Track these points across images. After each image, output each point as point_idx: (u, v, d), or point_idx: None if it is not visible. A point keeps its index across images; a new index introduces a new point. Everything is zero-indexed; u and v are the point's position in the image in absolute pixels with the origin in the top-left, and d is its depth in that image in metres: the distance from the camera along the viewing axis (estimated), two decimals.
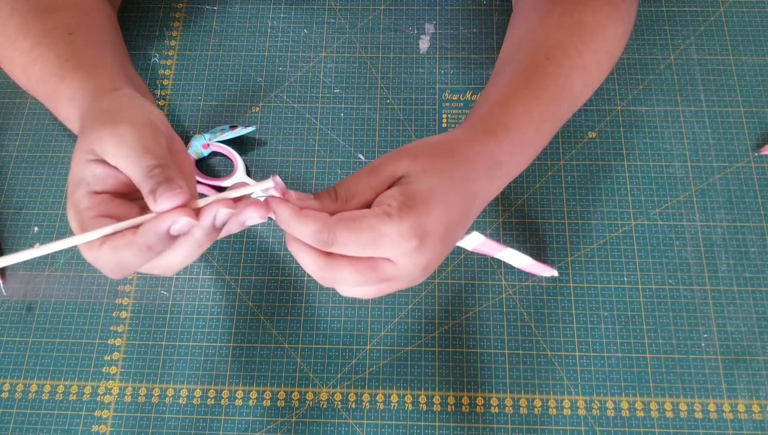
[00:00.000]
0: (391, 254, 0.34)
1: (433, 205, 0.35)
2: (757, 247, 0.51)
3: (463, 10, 0.60)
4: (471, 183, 0.38)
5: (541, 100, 0.42)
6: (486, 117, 0.42)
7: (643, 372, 0.47)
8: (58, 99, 0.41)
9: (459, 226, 0.38)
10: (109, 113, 0.36)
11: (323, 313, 0.50)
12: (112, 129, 0.34)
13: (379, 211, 0.34)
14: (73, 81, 0.41)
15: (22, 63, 0.44)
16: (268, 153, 0.55)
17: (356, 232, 0.33)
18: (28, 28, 0.44)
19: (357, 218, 0.34)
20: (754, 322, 0.48)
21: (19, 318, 0.51)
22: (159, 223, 0.32)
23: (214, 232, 0.34)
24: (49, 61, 0.42)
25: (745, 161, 0.53)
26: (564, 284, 0.50)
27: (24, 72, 0.45)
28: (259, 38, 0.59)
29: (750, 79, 0.56)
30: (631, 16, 0.49)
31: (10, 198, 0.54)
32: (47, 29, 0.44)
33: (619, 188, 0.53)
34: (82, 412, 0.48)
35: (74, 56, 0.42)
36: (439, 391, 0.48)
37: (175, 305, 0.50)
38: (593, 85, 0.47)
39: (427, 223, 0.34)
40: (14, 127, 0.57)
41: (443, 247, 0.36)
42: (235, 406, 0.48)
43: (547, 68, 0.43)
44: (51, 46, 0.43)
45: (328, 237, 0.33)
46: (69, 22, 0.45)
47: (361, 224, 0.33)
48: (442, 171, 0.37)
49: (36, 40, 0.43)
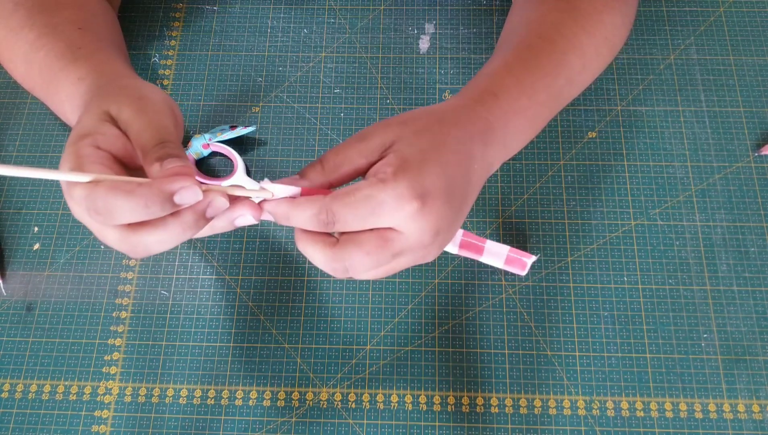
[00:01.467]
0: (394, 222, 0.33)
1: (428, 164, 0.34)
2: (757, 247, 0.51)
3: (463, 10, 0.60)
4: (464, 144, 0.37)
5: (534, 71, 0.42)
6: (473, 87, 0.41)
7: (643, 372, 0.47)
8: (62, 81, 0.41)
9: (461, 188, 0.36)
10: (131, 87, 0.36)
11: (323, 313, 0.50)
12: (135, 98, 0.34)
13: (373, 180, 0.33)
14: (86, 64, 0.40)
15: (25, 51, 0.44)
16: (268, 153, 0.55)
17: (353, 205, 0.33)
18: (33, 20, 0.44)
19: (351, 191, 0.33)
20: (754, 322, 0.48)
21: (19, 318, 0.51)
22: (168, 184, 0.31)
23: (202, 220, 0.33)
24: (56, 48, 0.42)
25: (745, 161, 0.53)
26: (564, 284, 0.50)
27: (25, 60, 0.44)
28: (259, 38, 0.59)
29: (750, 79, 0.56)
30: (630, 7, 0.49)
31: (10, 198, 0.54)
32: (55, 23, 0.44)
33: (619, 188, 0.53)
34: (82, 412, 0.48)
35: (86, 46, 0.42)
36: (439, 391, 0.48)
37: (175, 305, 0.50)
38: (592, 68, 0.47)
39: (424, 182, 0.33)
40: (14, 127, 0.57)
41: (449, 209, 0.35)
42: (235, 406, 0.48)
43: (540, 45, 0.43)
44: (60, 36, 0.43)
45: (327, 216, 0.33)
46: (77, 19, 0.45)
47: (357, 196, 0.33)
48: (431, 131, 0.36)
49: (43, 31, 0.43)
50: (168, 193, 0.31)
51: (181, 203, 0.32)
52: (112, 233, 0.33)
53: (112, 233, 0.33)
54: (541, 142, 0.54)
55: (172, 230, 0.33)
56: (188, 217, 0.32)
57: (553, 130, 0.55)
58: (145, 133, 0.33)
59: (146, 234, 0.33)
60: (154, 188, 0.31)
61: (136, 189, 0.31)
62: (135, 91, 0.35)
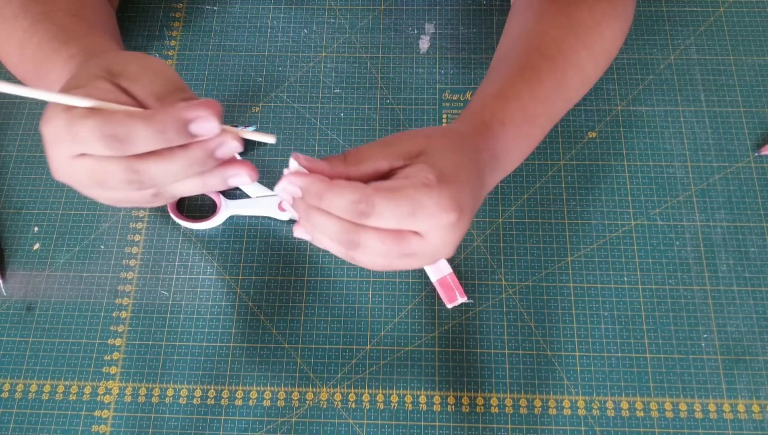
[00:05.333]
0: (426, 228, 0.33)
1: (463, 178, 0.34)
2: (757, 247, 0.51)
3: (463, 10, 0.60)
4: (480, 169, 0.38)
5: (536, 96, 0.42)
6: (481, 111, 0.41)
7: (643, 372, 0.47)
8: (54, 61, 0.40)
9: (475, 209, 0.37)
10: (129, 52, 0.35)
11: (323, 313, 0.50)
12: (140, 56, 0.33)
13: (417, 182, 0.32)
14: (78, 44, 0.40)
15: (19, 38, 0.43)
16: (268, 153, 0.55)
17: (396, 202, 0.32)
18: (27, 9, 0.44)
19: (397, 188, 0.32)
20: (754, 322, 0.48)
21: (19, 318, 0.51)
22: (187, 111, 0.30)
23: (210, 160, 0.32)
24: (50, 32, 0.42)
25: (745, 161, 0.53)
26: (564, 284, 0.50)
27: (20, 47, 0.44)
28: (259, 38, 0.59)
29: (750, 79, 0.56)
30: (629, 14, 0.49)
31: (10, 198, 0.54)
32: (48, 10, 0.44)
33: (619, 188, 0.53)
34: (82, 412, 0.48)
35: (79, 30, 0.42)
36: (439, 391, 0.48)
37: (175, 305, 0.50)
38: (589, 82, 0.47)
39: (462, 196, 0.33)
40: (14, 127, 0.57)
41: (467, 226, 0.35)
42: (235, 406, 0.48)
43: (541, 65, 0.43)
44: (54, 21, 0.43)
45: (366, 207, 0.32)
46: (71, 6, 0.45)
47: (401, 194, 0.32)
48: (457, 148, 0.36)
49: (37, 18, 0.43)
50: (185, 120, 0.30)
51: (197, 133, 0.31)
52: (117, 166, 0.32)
53: (118, 167, 0.32)
54: (541, 142, 0.54)
55: (178, 161, 0.32)
56: (197, 152, 0.31)
57: (553, 130, 0.55)
58: (156, 81, 0.32)
59: (153, 163, 0.32)
60: (174, 114, 0.30)
61: (155, 114, 0.30)
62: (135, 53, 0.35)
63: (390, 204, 0.32)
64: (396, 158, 0.34)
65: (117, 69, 0.33)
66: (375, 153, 0.34)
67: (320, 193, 0.32)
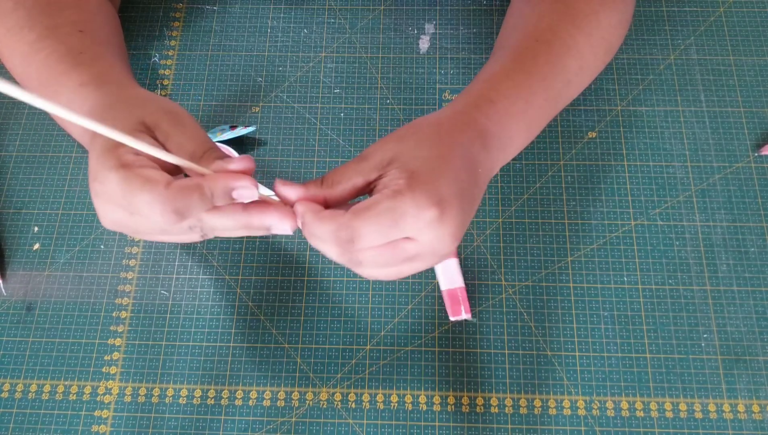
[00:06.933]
0: (413, 231, 0.33)
1: (438, 171, 0.34)
2: (757, 247, 0.51)
3: (463, 10, 0.60)
4: (468, 149, 0.37)
5: (530, 74, 0.42)
6: (470, 93, 0.41)
7: (643, 372, 0.47)
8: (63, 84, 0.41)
9: (470, 191, 0.36)
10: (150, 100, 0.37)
11: (323, 313, 0.50)
12: (166, 111, 0.35)
13: (388, 193, 0.33)
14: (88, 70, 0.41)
15: (23, 52, 0.43)
16: (268, 153, 0.55)
17: (374, 219, 0.32)
18: (33, 21, 0.44)
19: (370, 205, 0.33)
20: (754, 322, 0.48)
21: (19, 318, 0.51)
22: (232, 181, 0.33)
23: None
24: (57, 52, 0.42)
25: (745, 161, 0.53)
26: (564, 284, 0.50)
27: (24, 61, 0.44)
28: (259, 38, 0.59)
29: (750, 79, 0.56)
30: (628, 6, 0.49)
31: (10, 198, 0.54)
32: (55, 24, 0.44)
33: (619, 188, 0.53)
34: (82, 412, 0.48)
35: (87, 51, 0.42)
36: (439, 391, 0.48)
37: (175, 305, 0.50)
38: (590, 69, 0.47)
39: (439, 189, 0.33)
40: (14, 127, 0.57)
41: (463, 214, 0.35)
42: (235, 406, 0.48)
43: (537, 49, 0.43)
44: (61, 39, 0.43)
45: (347, 234, 0.33)
46: (77, 20, 0.44)
47: (377, 209, 0.32)
48: (431, 141, 0.36)
49: (44, 33, 0.43)
50: (231, 188, 0.33)
51: (238, 199, 0.34)
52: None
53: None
54: (541, 142, 0.54)
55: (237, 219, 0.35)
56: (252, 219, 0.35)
57: (553, 130, 0.55)
58: (190, 142, 0.35)
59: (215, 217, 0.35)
60: (222, 183, 0.33)
61: (204, 185, 0.33)
62: (159, 104, 0.37)
63: (369, 224, 0.33)
64: (370, 172, 0.35)
65: (151, 122, 0.35)
66: (349, 172, 0.35)
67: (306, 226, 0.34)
